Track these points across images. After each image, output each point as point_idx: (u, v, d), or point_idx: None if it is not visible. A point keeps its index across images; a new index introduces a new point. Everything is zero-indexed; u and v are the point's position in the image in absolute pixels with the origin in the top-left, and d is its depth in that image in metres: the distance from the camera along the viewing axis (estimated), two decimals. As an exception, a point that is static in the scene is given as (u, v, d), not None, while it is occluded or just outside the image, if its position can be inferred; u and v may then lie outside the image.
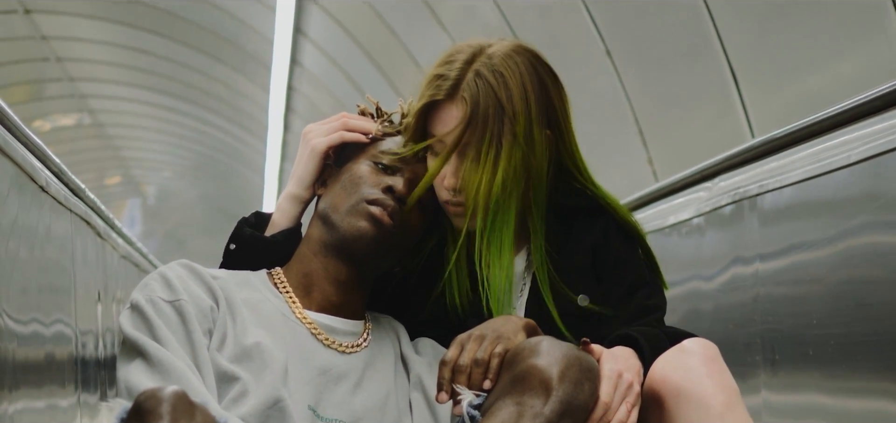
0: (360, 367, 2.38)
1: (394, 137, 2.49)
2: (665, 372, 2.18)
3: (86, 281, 4.47)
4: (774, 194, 3.80)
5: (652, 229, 5.13)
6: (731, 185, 4.22)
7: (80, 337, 4.20)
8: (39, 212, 3.44)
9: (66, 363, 3.86)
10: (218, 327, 2.28)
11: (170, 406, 1.78)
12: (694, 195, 4.65)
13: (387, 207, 2.35)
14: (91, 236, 4.69)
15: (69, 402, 3.92)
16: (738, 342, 4.09)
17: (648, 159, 6.97)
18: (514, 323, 2.21)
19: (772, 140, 3.82)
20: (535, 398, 2.01)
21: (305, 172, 2.49)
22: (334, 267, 2.41)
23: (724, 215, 4.27)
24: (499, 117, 2.33)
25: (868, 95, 3.24)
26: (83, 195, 4.40)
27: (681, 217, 4.74)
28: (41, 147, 3.48)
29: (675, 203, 4.86)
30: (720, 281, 4.31)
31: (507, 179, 2.34)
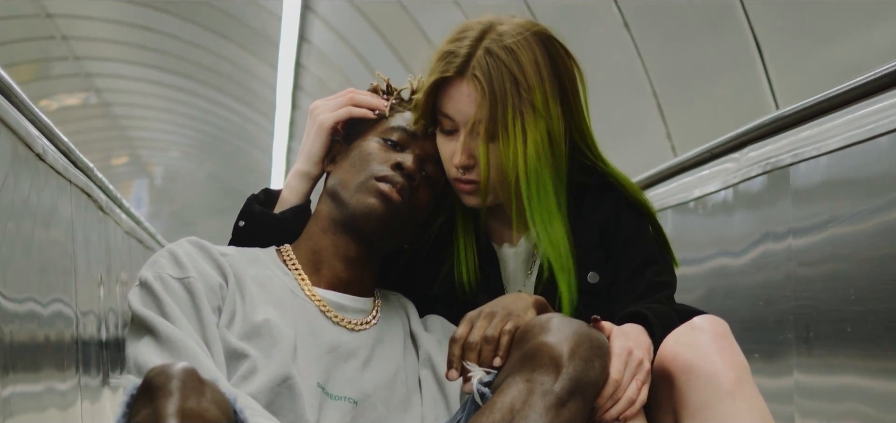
0: (369, 344, 2.37)
1: (403, 113, 2.48)
2: (675, 349, 2.18)
3: (87, 258, 4.26)
4: (809, 164, 3.62)
5: (675, 203, 4.95)
6: (761, 155, 4.03)
7: (80, 318, 4.01)
8: (36, 183, 3.25)
9: (65, 344, 3.67)
10: (227, 305, 2.28)
11: (179, 383, 1.76)
12: (720, 167, 4.48)
13: (396, 184, 2.35)
14: (93, 210, 4.46)
15: (69, 385, 3.74)
16: (768, 320, 3.92)
17: (667, 134, 6.86)
18: (524, 300, 2.20)
19: (806, 107, 3.65)
20: (545, 375, 2.00)
21: (313, 148, 2.49)
22: (343, 244, 2.40)
23: (753, 186, 4.09)
24: (516, 92, 2.32)
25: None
26: (82, 165, 4.19)
27: (706, 190, 4.56)
28: (34, 111, 3.29)
29: (701, 175, 4.70)
30: (749, 256, 4.14)
31: (538, 148, 2.34)
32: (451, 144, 2.39)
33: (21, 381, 3.05)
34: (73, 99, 17.63)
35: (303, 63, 14.35)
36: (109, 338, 4.89)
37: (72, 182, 3.94)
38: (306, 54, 14.06)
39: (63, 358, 3.68)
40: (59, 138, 3.68)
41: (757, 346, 4.08)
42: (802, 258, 3.72)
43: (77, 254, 4.01)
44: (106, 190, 4.92)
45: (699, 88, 6.43)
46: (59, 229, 3.72)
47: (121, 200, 5.52)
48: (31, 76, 15.29)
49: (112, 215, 5.11)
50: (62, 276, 3.73)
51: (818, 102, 3.59)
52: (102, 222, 4.82)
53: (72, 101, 17.65)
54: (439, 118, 2.41)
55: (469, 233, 2.48)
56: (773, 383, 3.98)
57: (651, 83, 6.82)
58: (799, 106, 3.76)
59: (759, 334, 4.05)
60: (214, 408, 1.77)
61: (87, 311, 4.22)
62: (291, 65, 14.28)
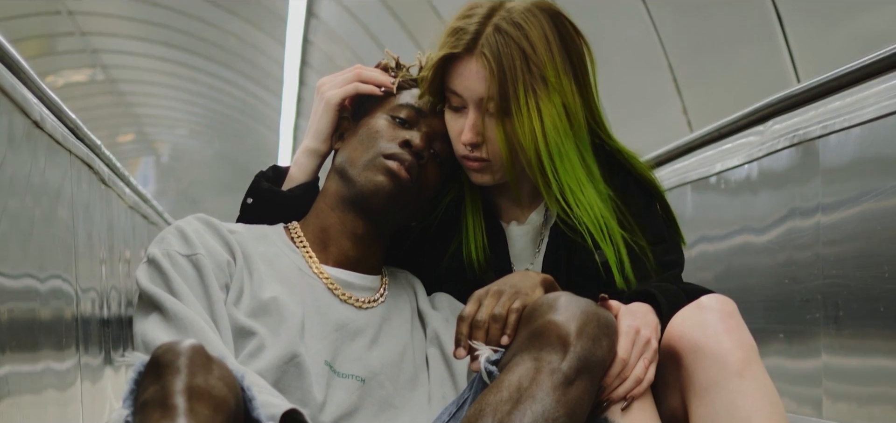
0: (376, 322, 2.38)
1: (411, 90, 2.48)
2: (683, 329, 2.17)
3: (88, 233, 4.11)
4: (840, 136, 3.47)
5: (694, 178, 4.80)
6: (787, 127, 3.88)
7: (80, 295, 3.87)
8: (33, 152, 3.10)
9: (64, 322, 3.52)
10: (235, 282, 2.29)
11: (187, 360, 1.77)
12: (744, 140, 4.31)
13: (404, 162, 2.36)
14: (95, 182, 4.32)
15: (68, 365, 3.59)
16: (794, 299, 3.79)
17: (682, 109, 6.78)
18: (532, 278, 2.20)
19: (838, 77, 3.51)
20: (552, 353, 2.01)
21: (321, 125, 2.49)
22: (351, 221, 2.41)
23: (780, 159, 3.94)
24: (526, 67, 2.32)
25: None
26: (84, 135, 4.03)
27: (728, 164, 4.40)
28: (28, 73, 3.13)
29: (723, 149, 4.51)
30: (774, 233, 3.99)
31: (556, 121, 2.34)
32: (459, 121, 2.39)
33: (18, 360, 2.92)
34: (80, 75, 17.58)
35: (311, 39, 14.26)
36: (111, 316, 4.73)
37: (72, 153, 3.78)
38: (314, 30, 13.94)
39: (62, 337, 3.53)
40: (53, 101, 3.51)
41: (782, 326, 3.94)
42: (832, 235, 3.57)
43: (78, 229, 3.85)
44: (108, 162, 4.73)
45: (717, 62, 6.30)
46: (59, 203, 3.56)
47: (124, 173, 5.34)
48: (37, 52, 15.17)
49: (115, 189, 4.94)
50: (62, 252, 3.57)
51: (852, 71, 3.46)
52: (105, 197, 4.64)
53: (78, 77, 17.58)
54: (447, 95, 2.40)
55: (477, 211, 2.48)
56: (800, 364, 3.84)
57: (667, 57, 6.73)
58: (830, 76, 3.62)
59: (784, 314, 3.91)
60: (222, 385, 1.77)
61: (87, 288, 4.06)
62: (299, 41, 14.20)
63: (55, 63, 16.05)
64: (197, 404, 1.74)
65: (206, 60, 17.46)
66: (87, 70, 17.43)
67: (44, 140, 3.31)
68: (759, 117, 4.22)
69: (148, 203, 6.62)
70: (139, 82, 18.94)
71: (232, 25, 15.65)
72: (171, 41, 16.54)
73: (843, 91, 3.56)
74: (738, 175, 4.38)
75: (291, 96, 17.02)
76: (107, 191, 4.71)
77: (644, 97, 7.08)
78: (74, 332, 3.82)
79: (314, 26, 13.81)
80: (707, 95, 6.57)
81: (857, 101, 3.45)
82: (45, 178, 3.35)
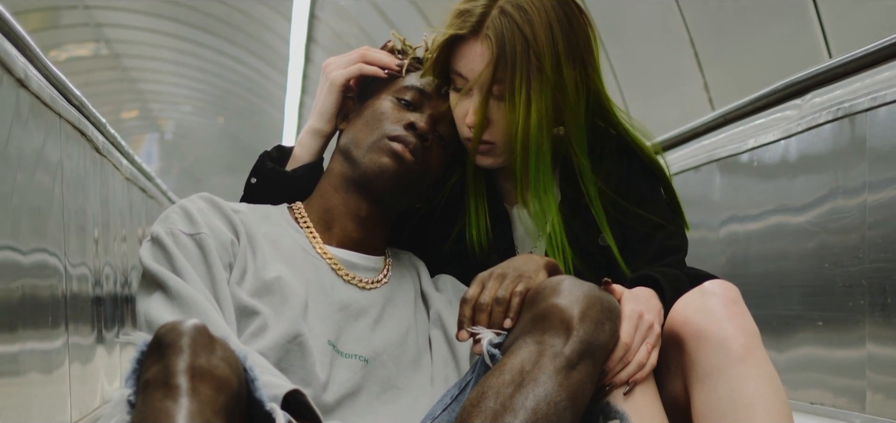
0: (379, 303, 2.41)
1: (417, 72, 2.50)
2: (686, 314, 2.19)
3: (78, 205, 3.84)
4: (891, 109, 3.21)
5: (723, 155, 4.54)
6: (829, 100, 3.62)
7: (70, 272, 3.59)
8: (17, 114, 2.82)
9: (50, 300, 3.25)
10: (238, 261, 2.31)
11: (190, 340, 1.80)
12: (779, 115, 4.05)
13: (408, 144, 2.38)
14: (88, 150, 4.04)
15: (55, 345, 3.32)
16: (836, 285, 3.53)
17: (704, 86, 6.51)
18: (535, 261, 2.22)
19: (889, 46, 3.23)
20: (555, 337, 2.03)
21: (325, 105, 2.51)
22: (355, 203, 2.43)
23: (820, 134, 3.66)
24: (526, 56, 2.33)
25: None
26: (74, 98, 3.74)
27: (762, 140, 4.12)
28: (13, 25, 2.86)
29: (756, 125, 4.25)
30: (813, 213, 3.71)
31: (541, 117, 2.35)
32: (463, 104, 2.41)
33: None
34: (83, 50, 17.23)
35: (317, 15, 13.98)
36: (104, 294, 4.45)
37: (61, 116, 3.50)
38: (321, 6, 13.69)
39: (48, 315, 3.25)
40: (38, 57, 3.22)
41: (821, 313, 3.68)
42: (879, 216, 3.31)
43: (66, 200, 3.57)
44: (102, 128, 4.42)
45: (741, 38, 5.96)
46: (45, 172, 3.28)
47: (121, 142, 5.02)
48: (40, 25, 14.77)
49: (110, 158, 4.65)
50: (50, 224, 3.30)
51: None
52: (99, 166, 4.35)
53: (81, 51, 17.27)
54: (452, 77, 2.42)
55: (480, 193, 2.50)
56: (841, 354, 3.60)
57: (689, 31, 6.47)
58: (878, 44, 3.37)
59: (824, 301, 3.66)
60: (224, 365, 1.80)
61: (78, 263, 3.78)
62: (306, 16, 13.91)
63: (59, 36, 15.77)
64: (199, 384, 1.75)
65: (211, 36, 17.25)
66: (91, 44, 17.16)
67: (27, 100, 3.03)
68: (795, 90, 3.99)
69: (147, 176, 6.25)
70: (143, 58, 18.71)
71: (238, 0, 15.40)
72: (176, 16, 16.35)
73: (891, 61, 3.30)
74: (772, 152, 4.09)
75: (297, 73, 16.76)
76: (101, 160, 4.41)
77: (664, 74, 6.88)
78: (63, 310, 3.54)
79: (321, 1, 13.55)
80: (730, 72, 6.15)
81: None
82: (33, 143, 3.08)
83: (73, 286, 3.73)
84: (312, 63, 16.11)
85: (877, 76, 3.38)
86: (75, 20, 15.51)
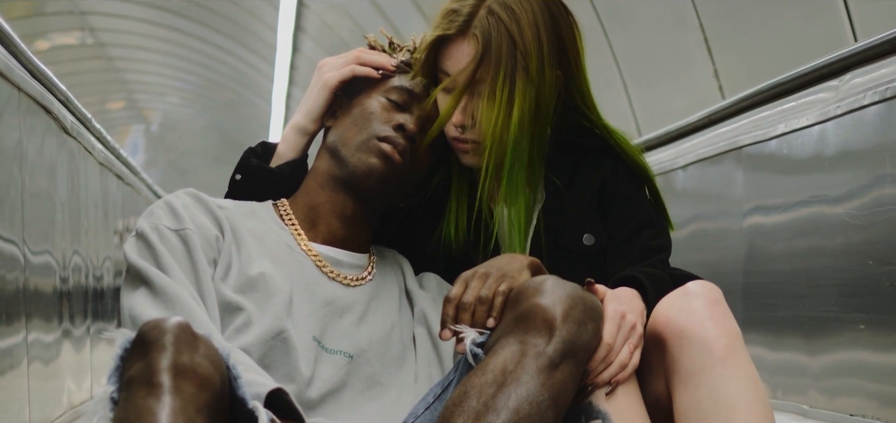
0: (364, 300, 2.43)
1: (405, 72, 2.52)
2: (668, 314, 2.21)
3: (43, 189, 3.44)
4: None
5: (748, 142, 4.15)
6: (873, 80, 3.26)
7: (30, 260, 3.20)
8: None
9: (7, 294, 2.89)
10: (223, 257, 2.33)
11: (173, 337, 1.82)
12: (813, 98, 3.67)
13: (397, 145, 2.41)
14: (54, 129, 3.63)
15: (12, 341, 2.94)
16: (881, 285, 3.24)
17: (714, 72, 6.02)
18: (519, 261, 2.24)
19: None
20: (538, 337, 2.05)
21: (315, 103, 2.52)
22: (341, 201, 2.46)
23: (864, 117, 3.30)
24: (512, 55, 2.36)
25: None
26: (35, 69, 3.33)
27: (794, 125, 3.74)
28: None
29: (784, 109, 3.87)
30: (854, 204, 3.35)
31: (523, 117, 2.38)
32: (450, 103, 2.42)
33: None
34: (68, 39, 16.95)
35: (306, 2, 13.80)
36: (72, 288, 4.05)
37: (21, 89, 3.10)
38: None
39: (2, 312, 2.88)
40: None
41: (863, 315, 3.31)
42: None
43: (27, 185, 3.18)
44: (71, 105, 3.99)
45: (755, 20, 5.49)
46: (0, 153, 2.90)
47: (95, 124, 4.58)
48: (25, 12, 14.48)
49: (81, 140, 4.22)
50: (9, 211, 2.93)
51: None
52: (66, 147, 3.94)
53: (66, 40, 17.01)
54: (439, 76, 2.44)
55: (462, 192, 2.52)
56: (886, 359, 3.22)
57: (698, 14, 5.92)
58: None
59: (866, 301, 3.29)
60: (207, 363, 1.82)
61: (39, 252, 3.39)
62: (293, 4, 13.73)
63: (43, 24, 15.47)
64: (182, 381, 1.77)
65: (198, 24, 17.06)
66: (76, 33, 16.87)
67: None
68: (830, 71, 3.59)
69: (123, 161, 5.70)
70: (129, 47, 18.46)
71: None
72: (162, 3, 16.13)
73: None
74: (806, 137, 3.70)
75: (284, 63, 16.61)
76: (70, 142, 4.00)
77: (671, 59, 6.30)
78: (22, 304, 3.15)
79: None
80: (742, 57, 5.69)
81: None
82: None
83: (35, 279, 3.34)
84: (300, 52, 15.97)
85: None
86: (60, 8, 15.30)
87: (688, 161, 4.85)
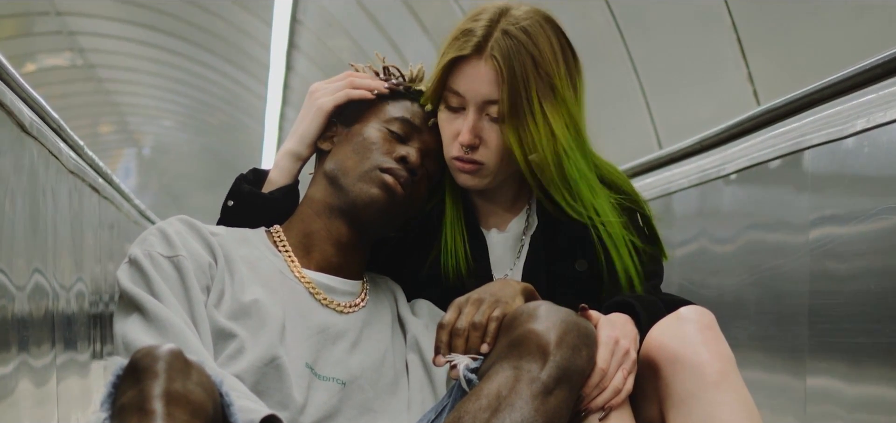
0: (357, 327, 2.46)
1: (404, 102, 2.55)
2: (661, 339, 2.24)
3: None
4: None
5: (817, 142, 3.58)
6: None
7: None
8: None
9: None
10: (216, 284, 2.35)
11: (166, 364, 1.85)
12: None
13: (400, 178, 2.44)
14: (9, 127, 3.13)
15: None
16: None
17: (748, 76, 5.53)
18: (512, 287, 2.28)
19: None
20: (532, 362, 2.08)
21: (308, 129, 2.54)
22: (336, 228, 2.48)
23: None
24: (536, 73, 2.39)
25: None
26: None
27: (878, 119, 3.20)
28: None
29: (865, 101, 3.33)
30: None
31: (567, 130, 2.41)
32: (456, 122, 2.46)
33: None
34: (56, 60, 16.77)
35: (300, 18, 13.52)
36: (31, 315, 3.47)
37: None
38: (303, 9, 13.21)
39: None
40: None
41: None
42: None
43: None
44: (31, 101, 3.39)
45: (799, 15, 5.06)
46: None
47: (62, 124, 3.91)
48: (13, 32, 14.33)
49: (45, 142, 3.59)
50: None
51: None
52: (26, 149, 3.35)
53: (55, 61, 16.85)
54: (446, 94, 2.47)
55: (458, 220, 2.55)
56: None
57: (730, 13, 5.46)
58: None
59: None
60: (200, 390, 1.85)
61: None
62: (287, 19, 13.47)
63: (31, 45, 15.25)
64: (174, 409, 1.79)
65: (188, 43, 16.86)
66: (65, 53, 16.65)
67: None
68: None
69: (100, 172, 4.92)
70: (119, 68, 18.32)
71: (216, 5, 15.03)
72: (152, 23, 15.94)
73: None
74: (891, 134, 3.16)
75: (278, 83, 16.42)
76: (30, 143, 3.40)
77: (697, 63, 5.94)
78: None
79: (303, 3, 12.99)
80: (780, 59, 5.27)
81: None
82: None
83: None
84: (294, 71, 15.78)
85: None
86: (47, 28, 15.07)
87: (735, 169, 4.30)
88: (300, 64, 15.13)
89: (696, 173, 4.63)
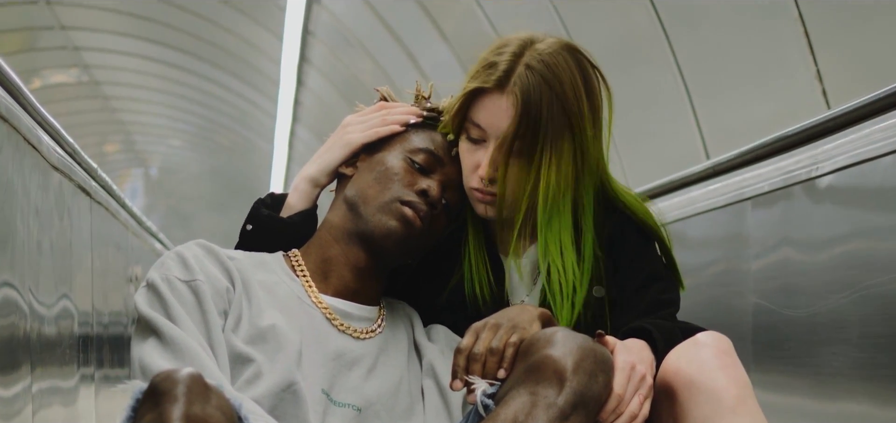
0: (373, 353, 2.50)
1: (428, 132, 2.59)
2: (678, 365, 2.27)
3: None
4: None
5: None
6: None
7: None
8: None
9: None
10: (233, 308, 2.40)
11: (185, 388, 1.87)
12: None
13: (419, 211, 2.47)
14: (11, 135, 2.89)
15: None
16: None
17: (816, 74, 5.11)
18: (529, 313, 2.31)
19: None
20: (549, 388, 2.10)
21: (332, 159, 2.59)
22: (354, 254, 2.53)
23: None
24: (553, 112, 2.42)
25: None
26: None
27: None
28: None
29: None
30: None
31: (568, 174, 2.45)
32: (476, 154, 2.51)
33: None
34: (61, 76, 16.87)
35: (311, 29, 13.30)
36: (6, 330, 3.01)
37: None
38: (316, 18, 12.95)
39: None
40: None
41: None
42: None
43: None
44: (7, 81, 3.02)
45: (874, 8, 4.64)
46: None
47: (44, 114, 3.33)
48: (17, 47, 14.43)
49: (20, 129, 3.06)
50: None
51: None
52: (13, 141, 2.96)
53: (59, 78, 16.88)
54: (467, 125, 2.53)
55: (480, 247, 2.59)
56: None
57: (797, 4, 5.07)
58: None
59: None
60: (219, 414, 1.89)
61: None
62: (299, 32, 13.28)
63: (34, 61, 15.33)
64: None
65: (196, 59, 16.86)
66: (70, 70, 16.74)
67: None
68: None
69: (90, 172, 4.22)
70: (125, 85, 18.36)
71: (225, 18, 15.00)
72: (158, 37, 15.91)
73: None
74: None
75: (288, 99, 16.29)
76: (8, 131, 2.94)
77: (756, 59, 5.56)
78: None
79: (316, 14, 12.81)
80: (853, 56, 4.95)
81: None
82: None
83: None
84: (305, 86, 15.70)
85: None
86: (52, 43, 15.08)
87: (836, 166, 3.75)
88: (312, 79, 15.11)
89: (778, 175, 4.09)
